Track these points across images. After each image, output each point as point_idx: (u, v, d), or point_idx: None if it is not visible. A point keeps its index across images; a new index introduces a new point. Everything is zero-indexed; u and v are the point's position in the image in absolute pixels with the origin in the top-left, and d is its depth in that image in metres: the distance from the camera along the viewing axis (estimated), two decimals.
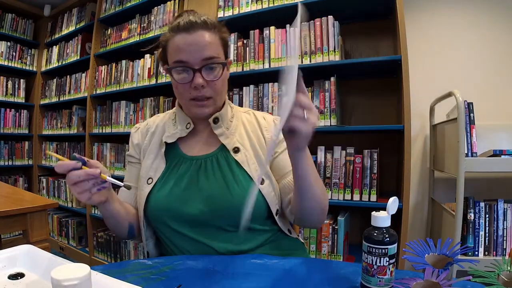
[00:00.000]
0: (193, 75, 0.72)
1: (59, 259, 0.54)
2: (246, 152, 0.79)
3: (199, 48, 0.71)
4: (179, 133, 0.81)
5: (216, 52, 0.74)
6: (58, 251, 2.77)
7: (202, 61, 0.72)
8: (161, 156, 0.81)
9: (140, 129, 0.89)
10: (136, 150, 0.87)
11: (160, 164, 0.80)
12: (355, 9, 1.68)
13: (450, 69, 1.73)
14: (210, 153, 0.80)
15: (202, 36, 0.72)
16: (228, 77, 0.82)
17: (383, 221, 0.51)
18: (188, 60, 0.71)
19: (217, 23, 0.76)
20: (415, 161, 1.79)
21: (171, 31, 0.74)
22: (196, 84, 0.72)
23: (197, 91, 0.73)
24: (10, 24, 2.97)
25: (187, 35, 0.71)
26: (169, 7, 2.08)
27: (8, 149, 2.97)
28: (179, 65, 0.73)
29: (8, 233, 2.55)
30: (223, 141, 0.79)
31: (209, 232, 0.74)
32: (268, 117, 0.88)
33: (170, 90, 2.36)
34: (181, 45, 0.72)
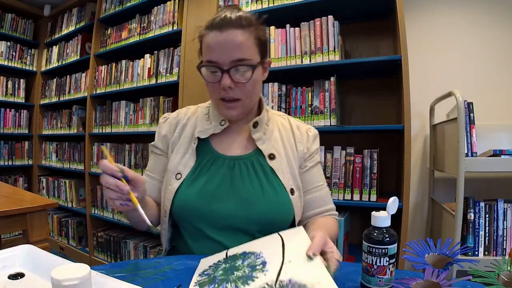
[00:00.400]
0: (221, 76, 0.71)
1: (59, 259, 0.55)
2: (281, 160, 0.79)
3: (229, 49, 0.70)
4: (212, 129, 0.80)
5: (248, 54, 0.71)
6: (58, 251, 2.77)
7: (231, 62, 0.70)
8: (192, 151, 0.79)
9: (169, 120, 0.86)
10: (163, 142, 0.85)
11: (190, 159, 0.78)
12: (355, 9, 1.68)
13: (450, 69, 1.73)
14: (244, 155, 0.79)
15: (234, 36, 0.70)
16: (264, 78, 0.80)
17: (383, 221, 0.51)
18: (217, 60, 0.70)
19: (254, 21, 0.74)
20: (415, 161, 1.79)
21: (206, 28, 0.73)
22: (223, 85, 0.71)
23: (225, 92, 0.72)
24: (10, 24, 2.97)
25: (218, 33, 0.70)
26: (169, 7, 2.08)
27: (8, 149, 2.97)
28: (208, 65, 0.72)
29: (8, 233, 2.55)
30: (260, 146, 0.78)
31: (235, 236, 0.73)
32: (302, 128, 0.87)
33: (170, 90, 2.34)
34: (212, 44, 0.71)
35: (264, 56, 0.77)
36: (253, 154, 0.79)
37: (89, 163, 2.53)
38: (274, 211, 0.74)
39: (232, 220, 0.73)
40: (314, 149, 0.86)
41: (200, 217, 0.74)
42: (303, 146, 0.83)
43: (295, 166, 0.80)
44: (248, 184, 0.75)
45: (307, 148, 0.84)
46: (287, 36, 1.65)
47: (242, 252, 0.60)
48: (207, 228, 0.74)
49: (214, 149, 0.80)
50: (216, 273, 0.54)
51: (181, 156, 0.79)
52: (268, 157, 0.78)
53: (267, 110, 0.85)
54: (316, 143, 0.87)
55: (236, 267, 0.55)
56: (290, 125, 0.86)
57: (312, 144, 0.85)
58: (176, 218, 0.78)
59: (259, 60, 0.74)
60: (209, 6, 1.88)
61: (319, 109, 1.58)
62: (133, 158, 2.27)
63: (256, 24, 0.74)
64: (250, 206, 0.73)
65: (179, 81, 1.97)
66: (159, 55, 2.13)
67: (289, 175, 0.78)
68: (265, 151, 0.78)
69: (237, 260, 0.58)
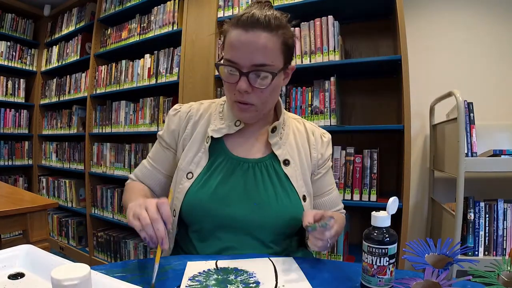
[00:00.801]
0: (239, 78, 0.67)
1: (59, 259, 0.54)
2: (296, 167, 0.77)
3: (252, 51, 0.65)
4: (226, 129, 0.77)
5: (271, 59, 0.67)
6: (58, 251, 2.77)
7: (252, 66, 0.66)
8: (205, 151, 0.76)
9: (180, 114, 0.82)
10: (171, 136, 0.82)
11: (202, 158, 0.76)
12: (355, 9, 1.68)
13: (450, 69, 1.73)
14: (259, 158, 0.77)
15: (259, 38, 0.65)
16: (285, 84, 0.78)
17: (383, 221, 0.51)
18: (238, 61, 0.66)
19: (283, 24, 0.69)
20: (415, 161, 1.79)
21: (232, 24, 0.68)
22: (240, 89, 0.67)
23: (240, 95, 0.69)
24: (10, 24, 2.97)
25: (243, 32, 0.65)
26: (169, 7, 2.08)
27: (8, 149, 2.97)
28: (227, 64, 0.68)
29: (8, 233, 2.55)
30: (275, 151, 0.77)
31: (245, 240, 0.72)
32: (316, 132, 0.85)
33: (170, 90, 2.34)
34: (234, 42, 0.66)
35: (288, 61, 0.73)
36: (267, 159, 0.77)
37: (89, 163, 2.53)
38: (287, 217, 0.73)
39: (244, 224, 0.72)
40: (328, 155, 0.85)
41: (211, 219, 0.72)
42: (317, 152, 0.82)
43: (308, 173, 0.80)
44: (262, 189, 0.73)
45: (321, 154, 0.83)
46: None
47: (234, 268, 0.61)
48: (218, 230, 0.73)
49: (228, 149, 0.78)
50: (209, 282, 0.55)
51: (193, 155, 0.77)
52: (283, 162, 0.76)
53: (283, 113, 0.83)
54: (330, 148, 0.86)
55: (229, 281, 0.55)
56: (306, 130, 0.84)
57: (326, 150, 0.85)
58: (185, 217, 0.76)
59: (282, 66, 0.70)
60: (209, 6, 1.88)
61: (319, 109, 1.58)
62: (133, 158, 2.27)
63: (285, 26, 0.69)
64: (263, 211, 0.71)
65: (179, 81, 1.97)
66: (159, 55, 2.13)
67: (302, 181, 0.77)
68: (280, 157, 0.76)
69: (230, 274, 0.58)
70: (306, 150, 0.81)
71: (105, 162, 2.44)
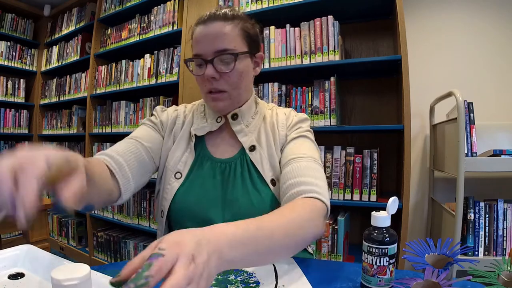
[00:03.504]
0: (205, 67, 0.70)
1: (59, 259, 0.55)
2: (261, 150, 0.76)
3: (212, 39, 0.70)
4: (209, 127, 0.78)
5: (232, 44, 0.70)
6: (58, 251, 2.77)
7: (214, 52, 0.70)
8: (191, 149, 0.78)
9: (167, 111, 0.85)
10: (159, 124, 0.82)
11: (189, 157, 0.77)
12: (355, 9, 1.68)
13: (450, 69, 1.73)
14: (233, 157, 0.77)
15: (217, 27, 0.70)
16: (256, 73, 0.79)
17: (383, 221, 0.51)
18: (202, 52, 0.71)
19: (240, 15, 0.74)
20: (415, 161, 1.79)
21: (194, 24, 0.74)
22: (207, 76, 0.70)
23: (210, 83, 0.72)
24: (10, 24, 2.97)
25: (203, 27, 0.71)
26: (169, 7, 2.08)
27: (8, 149, 2.97)
28: (194, 58, 0.72)
29: (8, 233, 2.55)
30: (240, 138, 0.76)
31: None
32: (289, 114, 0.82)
33: (170, 90, 2.34)
34: (197, 37, 0.72)
35: (253, 49, 0.75)
36: (241, 153, 0.77)
37: None
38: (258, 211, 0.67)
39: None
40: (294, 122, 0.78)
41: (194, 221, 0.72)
42: (285, 129, 0.78)
43: (276, 155, 0.75)
44: (235, 187, 0.74)
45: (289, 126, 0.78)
46: (287, 36, 1.65)
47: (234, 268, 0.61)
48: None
49: (207, 149, 0.79)
50: None
51: (181, 153, 0.78)
52: (249, 149, 0.76)
53: (257, 103, 0.83)
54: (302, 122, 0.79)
55: (229, 281, 0.55)
56: (276, 114, 0.81)
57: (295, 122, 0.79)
58: (172, 218, 0.76)
59: (246, 50, 0.73)
60: (209, 6, 1.88)
61: (319, 109, 1.58)
62: None
63: (242, 17, 0.74)
64: (236, 211, 0.71)
65: (179, 81, 1.97)
66: (159, 55, 2.13)
67: (268, 165, 0.74)
68: (245, 144, 0.76)
69: (230, 274, 0.58)
70: (275, 133, 0.78)
71: None
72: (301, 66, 1.60)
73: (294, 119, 0.80)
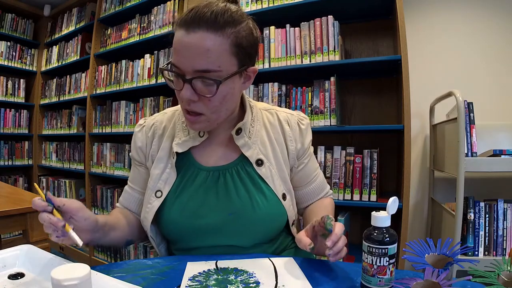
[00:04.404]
0: (183, 85, 0.60)
1: (59, 259, 0.55)
2: (271, 166, 0.72)
3: (193, 56, 0.57)
4: (191, 142, 0.71)
5: (217, 64, 0.58)
6: (58, 251, 2.77)
7: (194, 72, 0.58)
8: (171, 166, 0.72)
9: (144, 129, 0.78)
10: (139, 153, 0.78)
11: (170, 175, 0.72)
12: (355, 9, 1.68)
13: (450, 69, 1.73)
14: (229, 164, 0.72)
15: (201, 40, 0.57)
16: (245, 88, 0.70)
17: (383, 221, 0.51)
18: (179, 66, 0.59)
19: (235, 20, 0.59)
20: (415, 161, 1.79)
21: (177, 23, 0.60)
22: (182, 97, 0.60)
23: (185, 104, 0.62)
24: (10, 24, 2.97)
25: (184, 34, 0.58)
26: (169, 7, 2.08)
27: (8, 149, 2.97)
28: (170, 68, 0.62)
29: (8, 233, 2.55)
30: (245, 152, 0.71)
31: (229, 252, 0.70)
32: (293, 121, 0.77)
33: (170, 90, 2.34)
34: (176, 45, 0.59)
35: (246, 63, 0.63)
36: (238, 162, 0.72)
37: (89, 163, 2.53)
38: (266, 221, 0.70)
39: (222, 236, 0.69)
40: (308, 142, 0.78)
41: (188, 236, 0.70)
42: (295, 143, 0.76)
43: (286, 169, 0.74)
44: (235, 197, 0.69)
45: (301, 144, 0.77)
46: (287, 36, 1.65)
47: (234, 268, 0.61)
48: (200, 247, 0.71)
49: (196, 160, 0.73)
50: (209, 282, 0.55)
51: (161, 172, 0.72)
52: (256, 163, 0.71)
53: (252, 107, 0.76)
54: (309, 134, 0.79)
55: (229, 281, 0.55)
56: (279, 121, 0.77)
57: (306, 138, 0.78)
58: (166, 237, 0.75)
59: (235, 70, 0.61)
60: None
61: (319, 109, 1.58)
62: None
63: (236, 24, 0.59)
64: (238, 219, 0.68)
65: None
66: (159, 55, 2.13)
67: (279, 180, 0.72)
68: (251, 158, 0.70)
69: (229, 274, 0.58)
70: (282, 145, 0.75)
71: (105, 162, 2.43)
72: (301, 66, 1.60)
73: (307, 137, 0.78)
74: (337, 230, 0.57)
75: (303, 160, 0.79)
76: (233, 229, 0.69)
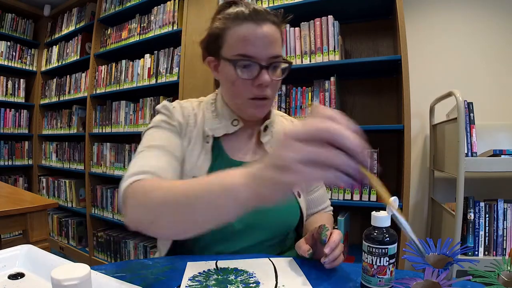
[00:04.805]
0: (258, 72, 0.65)
1: (59, 259, 0.54)
2: None
3: (268, 43, 0.64)
4: (224, 129, 0.72)
5: (280, 51, 0.68)
6: (58, 251, 2.77)
7: (269, 58, 0.65)
8: (206, 152, 0.71)
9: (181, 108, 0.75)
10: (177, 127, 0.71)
11: (204, 162, 0.70)
12: (355, 9, 1.68)
13: (450, 69, 1.73)
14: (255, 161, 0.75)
15: (272, 30, 0.65)
16: None
17: (383, 221, 0.51)
18: (255, 55, 0.64)
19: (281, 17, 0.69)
20: (415, 161, 1.79)
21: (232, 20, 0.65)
22: (263, 81, 0.65)
23: (259, 90, 0.66)
24: (10, 24, 2.97)
25: (255, 25, 0.63)
26: (169, 7, 2.08)
27: (8, 149, 2.97)
28: (244, 59, 0.64)
29: (8, 233, 2.55)
30: (268, 149, 0.75)
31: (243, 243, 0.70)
32: None
33: (170, 90, 2.33)
34: (249, 36, 0.63)
35: None
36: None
37: (89, 163, 2.53)
38: (284, 217, 0.73)
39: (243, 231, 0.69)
40: None
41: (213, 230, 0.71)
42: None
43: None
44: None
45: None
46: (287, 36, 1.65)
47: (234, 268, 0.61)
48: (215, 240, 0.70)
49: (226, 153, 0.73)
50: (209, 282, 0.55)
51: (196, 157, 0.71)
52: None
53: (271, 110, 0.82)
54: None
55: (229, 281, 0.55)
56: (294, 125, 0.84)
57: None
58: None
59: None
60: (209, 6, 1.88)
61: None
62: (133, 158, 2.27)
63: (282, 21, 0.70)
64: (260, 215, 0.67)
65: (179, 81, 1.97)
66: (159, 55, 2.13)
67: None
68: None
69: (229, 274, 0.58)
70: None
71: (105, 162, 2.44)
72: (301, 66, 1.60)
73: None
74: (335, 237, 0.58)
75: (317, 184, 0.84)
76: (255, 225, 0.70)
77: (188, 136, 0.72)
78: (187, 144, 0.72)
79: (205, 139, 0.72)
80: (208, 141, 0.72)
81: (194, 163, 0.70)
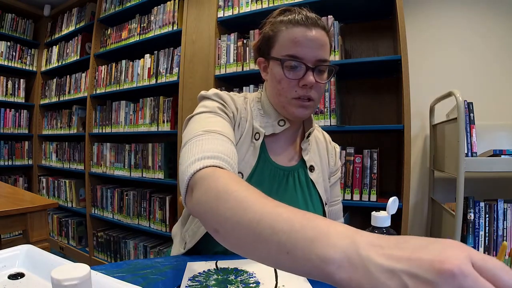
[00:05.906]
0: (304, 73, 0.67)
1: (59, 259, 0.54)
2: (319, 173, 0.79)
3: (317, 47, 0.68)
4: (272, 128, 0.74)
5: (328, 56, 0.70)
6: (58, 251, 2.77)
7: (316, 61, 0.68)
8: (255, 149, 0.71)
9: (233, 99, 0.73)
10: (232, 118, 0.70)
11: (251, 157, 0.71)
12: (355, 9, 1.68)
13: (450, 69, 1.73)
14: (293, 166, 0.77)
15: (321, 35, 0.68)
16: None
17: (383, 221, 0.51)
18: (303, 56, 0.67)
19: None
20: (415, 161, 1.79)
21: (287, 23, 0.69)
22: (308, 82, 0.67)
23: (303, 90, 0.68)
24: (10, 24, 2.97)
25: (306, 30, 0.68)
26: (169, 7, 2.08)
27: (8, 149, 2.97)
28: (292, 59, 0.68)
29: (8, 233, 2.55)
30: (304, 156, 0.77)
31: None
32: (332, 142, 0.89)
33: (170, 90, 2.33)
34: (299, 38, 0.67)
35: None
36: (299, 166, 0.77)
37: (89, 163, 2.53)
38: None
39: None
40: (339, 165, 0.88)
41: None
42: (333, 161, 0.85)
43: (327, 179, 0.82)
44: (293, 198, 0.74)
45: (335, 164, 0.86)
46: None
47: (234, 268, 0.61)
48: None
49: (268, 154, 0.74)
50: (209, 282, 0.55)
51: (245, 151, 0.71)
52: (309, 168, 0.77)
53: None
54: (339, 160, 0.90)
55: (229, 281, 0.55)
56: (324, 138, 0.87)
57: (337, 160, 0.88)
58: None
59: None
60: (209, 6, 1.88)
61: (319, 109, 1.58)
62: (133, 158, 2.27)
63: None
64: None
65: (179, 81, 1.97)
66: (159, 55, 2.13)
67: (323, 188, 0.79)
68: (308, 162, 0.78)
69: (229, 274, 0.58)
70: (325, 158, 0.83)
71: (105, 162, 2.44)
72: None
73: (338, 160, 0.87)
74: None
75: (332, 179, 0.86)
76: None
77: (241, 130, 0.72)
78: (238, 137, 0.71)
79: (254, 136, 0.72)
80: (258, 138, 0.72)
81: (241, 159, 0.70)
